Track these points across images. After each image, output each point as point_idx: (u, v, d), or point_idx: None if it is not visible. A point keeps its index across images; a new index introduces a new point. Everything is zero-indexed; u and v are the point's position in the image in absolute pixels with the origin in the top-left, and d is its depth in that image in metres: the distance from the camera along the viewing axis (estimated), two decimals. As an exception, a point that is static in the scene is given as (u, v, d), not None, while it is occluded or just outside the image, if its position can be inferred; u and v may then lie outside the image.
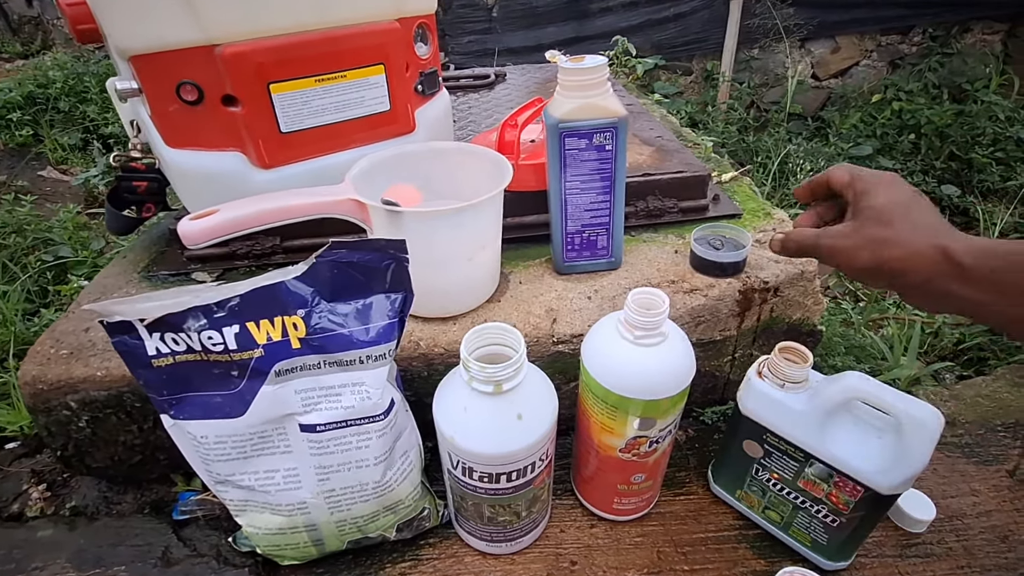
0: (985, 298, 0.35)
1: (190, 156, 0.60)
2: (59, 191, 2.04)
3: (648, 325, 0.43)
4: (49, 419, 0.56)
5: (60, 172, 2.18)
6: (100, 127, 2.34)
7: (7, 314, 1.08)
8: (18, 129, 2.24)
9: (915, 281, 0.38)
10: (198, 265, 0.67)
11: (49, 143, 2.21)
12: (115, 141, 2.21)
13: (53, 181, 2.12)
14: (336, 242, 0.41)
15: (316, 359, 0.44)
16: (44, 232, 1.46)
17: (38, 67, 2.68)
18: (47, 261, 1.34)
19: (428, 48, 0.71)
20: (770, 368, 0.49)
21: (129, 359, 0.43)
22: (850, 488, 0.46)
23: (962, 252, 0.36)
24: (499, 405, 0.43)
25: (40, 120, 2.32)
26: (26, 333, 1.04)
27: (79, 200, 1.87)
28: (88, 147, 2.28)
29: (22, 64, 3.27)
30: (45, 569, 0.56)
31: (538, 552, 0.55)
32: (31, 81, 2.50)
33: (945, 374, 0.77)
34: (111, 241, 1.50)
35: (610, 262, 0.62)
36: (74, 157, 2.22)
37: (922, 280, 0.38)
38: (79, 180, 1.91)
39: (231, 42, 0.55)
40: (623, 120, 0.53)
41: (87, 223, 1.64)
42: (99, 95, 2.47)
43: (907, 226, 0.39)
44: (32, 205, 1.58)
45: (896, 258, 0.39)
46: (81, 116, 2.39)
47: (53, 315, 1.08)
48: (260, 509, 0.49)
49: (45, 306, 1.20)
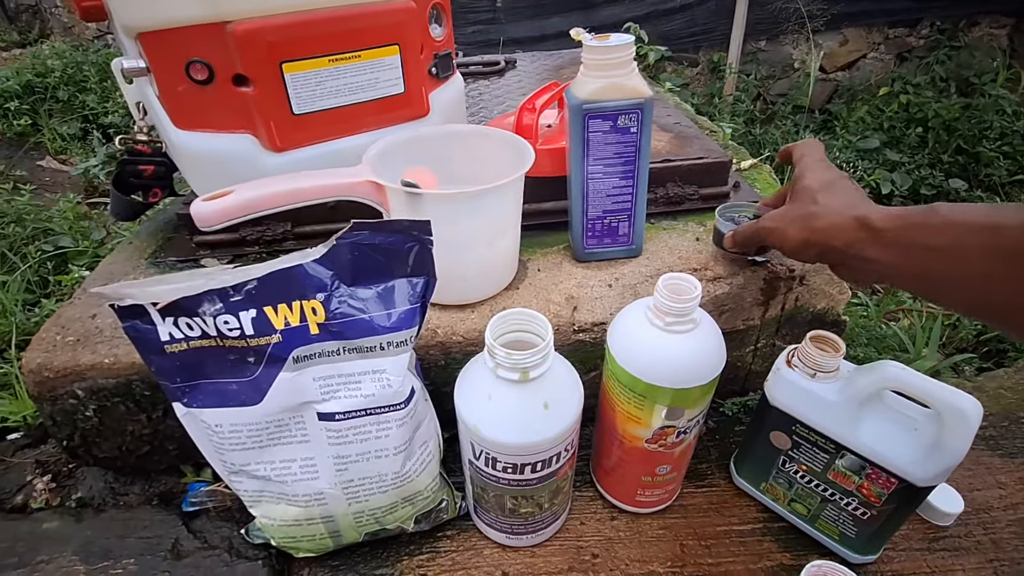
0: (896, 259, 0.38)
1: (199, 138, 0.58)
2: (58, 181, 2.02)
3: (679, 311, 0.42)
4: (55, 408, 0.55)
5: (59, 162, 2.15)
6: (99, 117, 2.31)
7: (7, 304, 1.06)
8: (16, 118, 2.21)
9: (837, 248, 0.41)
10: (207, 251, 0.65)
11: (48, 133, 2.18)
12: (115, 131, 2.18)
13: (52, 171, 2.09)
14: (357, 222, 0.40)
15: (335, 345, 0.42)
16: (44, 222, 1.44)
17: (36, 56, 2.64)
18: (47, 251, 1.32)
19: (443, 29, 0.69)
20: (801, 357, 0.48)
21: (141, 345, 0.41)
22: (883, 480, 0.45)
23: (875, 218, 0.39)
24: (525, 393, 0.42)
25: (39, 109, 2.29)
26: (27, 323, 1.03)
27: (78, 190, 1.85)
28: (87, 137, 2.25)
29: (19, 53, 3.23)
30: (51, 562, 0.54)
31: (559, 545, 0.53)
32: (29, 70, 2.47)
33: (964, 366, 0.76)
34: (112, 231, 1.48)
35: (630, 249, 0.60)
36: (73, 147, 2.19)
37: (843, 246, 0.41)
38: (79, 170, 1.88)
39: (243, 19, 0.53)
40: (649, 101, 0.51)
41: (87, 213, 1.62)
42: (98, 84, 2.44)
43: (831, 201, 0.43)
44: (31, 195, 1.56)
45: (820, 229, 0.42)
46: (80, 106, 2.36)
47: (54, 305, 1.07)
48: (276, 500, 0.48)
49: (46, 296, 1.18)
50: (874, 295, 0.96)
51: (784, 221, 0.46)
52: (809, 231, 0.43)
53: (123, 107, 2.23)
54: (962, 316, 0.40)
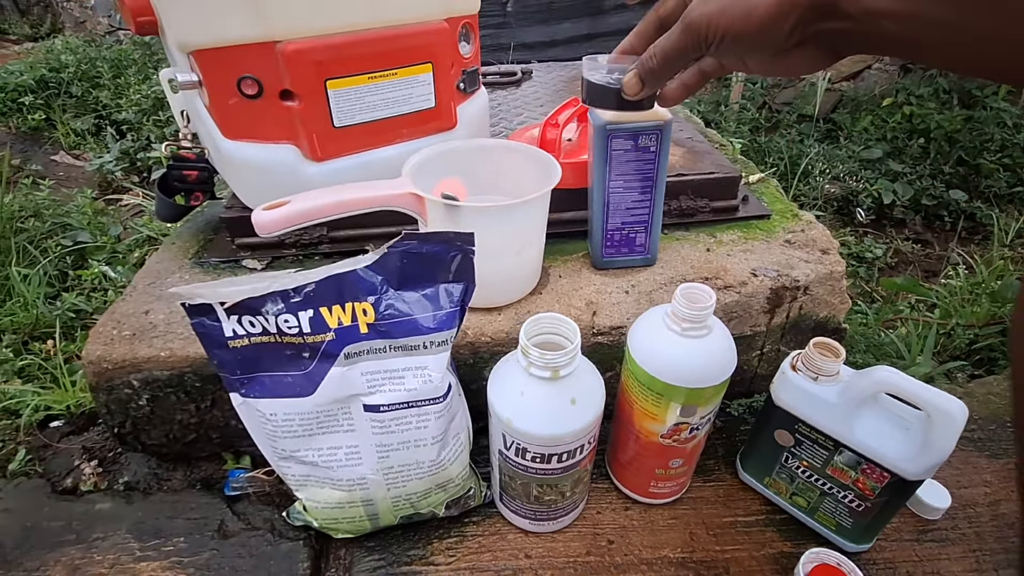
0: (911, 4, 0.26)
1: (246, 148, 0.63)
2: (72, 176, 2.05)
3: (695, 318, 0.46)
4: (110, 397, 0.59)
5: (73, 157, 2.19)
6: (113, 113, 2.34)
7: (29, 297, 1.10)
8: (31, 113, 2.25)
9: (825, 4, 0.29)
10: (247, 253, 0.69)
11: (62, 128, 2.22)
12: (128, 127, 2.21)
13: (66, 166, 2.13)
14: (408, 233, 0.44)
15: (382, 343, 0.47)
16: (62, 217, 1.47)
17: (50, 51, 2.68)
18: (66, 246, 1.36)
19: (471, 47, 0.73)
20: (804, 362, 0.52)
21: (206, 340, 0.46)
22: (877, 474, 0.50)
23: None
24: (555, 390, 0.46)
25: (53, 104, 2.32)
26: (48, 316, 1.06)
27: (92, 185, 1.88)
28: (101, 133, 2.29)
29: (31, 47, 3.27)
30: (106, 539, 0.58)
31: (577, 531, 0.58)
32: (43, 65, 2.50)
33: (957, 373, 0.80)
34: (129, 227, 1.52)
35: (646, 258, 0.65)
36: (87, 142, 2.22)
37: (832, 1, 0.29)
38: (93, 166, 1.92)
39: (293, 39, 0.57)
40: (668, 124, 0.55)
41: (104, 209, 1.66)
42: (111, 81, 2.48)
43: None
44: (49, 190, 1.60)
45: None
46: (94, 101, 2.39)
47: (75, 299, 1.10)
48: (320, 484, 0.52)
49: (66, 290, 1.21)
50: (873, 304, 1.00)
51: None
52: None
53: (136, 104, 2.27)
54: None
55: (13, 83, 2.28)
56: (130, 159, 1.96)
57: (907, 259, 1.47)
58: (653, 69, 0.38)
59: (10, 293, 1.15)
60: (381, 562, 0.56)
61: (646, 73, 0.39)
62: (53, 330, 1.04)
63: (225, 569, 0.55)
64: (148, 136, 2.05)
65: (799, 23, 0.31)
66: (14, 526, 0.60)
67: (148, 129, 2.10)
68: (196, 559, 0.56)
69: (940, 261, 1.47)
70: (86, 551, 0.57)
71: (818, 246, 0.66)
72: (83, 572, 0.55)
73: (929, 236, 1.67)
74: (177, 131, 0.70)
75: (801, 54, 0.33)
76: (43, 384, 0.83)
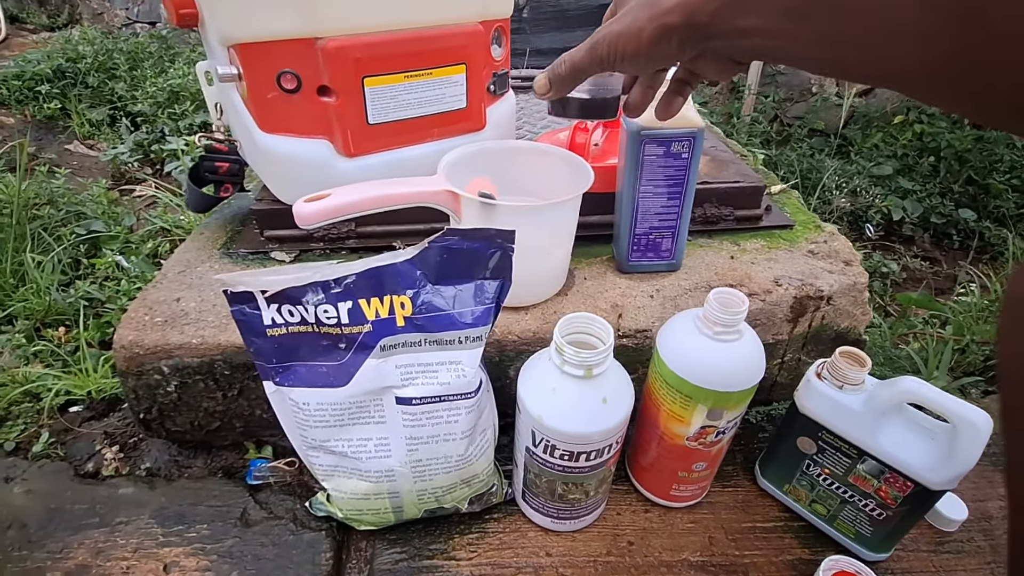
0: (783, 24, 0.28)
1: (281, 141, 0.64)
2: (85, 165, 2.06)
3: (728, 322, 0.47)
4: (139, 382, 0.60)
5: (87, 147, 2.20)
6: (128, 105, 2.35)
7: (42, 284, 1.10)
8: (47, 102, 2.26)
9: (703, 24, 0.31)
10: (276, 245, 0.70)
11: (77, 118, 2.23)
12: (143, 119, 2.23)
13: (80, 156, 2.14)
14: (450, 229, 0.45)
15: (418, 337, 0.47)
16: (76, 205, 1.48)
17: (67, 41, 2.70)
18: (80, 234, 1.36)
19: (502, 50, 0.74)
20: (830, 370, 0.53)
21: (244, 327, 0.46)
22: (900, 483, 0.50)
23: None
24: (587, 388, 0.47)
25: (69, 94, 2.33)
26: (61, 304, 1.07)
27: (106, 175, 1.89)
28: (115, 124, 2.30)
29: (48, 36, 3.29)
30: (130, 524, 0.59)
31: (597, 531, 0.58)
32: (60, 54, 2.51)
33: (971, 389, 0.81)
34: (142, 218, 1.53)
35: (671, 264, 0.65)
36: (101, 133, 2.24)
37: (709, 20, 0.31)
38: (107, 156, 1.93)
39: (334, 36, 0.58)
40: (701, 131, 0.56)
41: (118, 199, 1.67)
42: (127, 73, 2.49)
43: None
44: (65, 178, 1.61)
45: (674, 9, 0.32)
46: (109, 93, 2.40)
47: (88, 287, 1.11)
48: (348, 475, 0.52)
49: (79, 278, 1.22)
50: (887, 317, 1.01)
51: (627, 20, 0.35)
52: (663, 15, 0.33)
53: (151, 96, 2.28)
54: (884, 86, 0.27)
55: (30, 71, 2.30)
56: (144, 151, 1.97)
57: (916, 276, 1.48)
58: (560, 75, 0.40)
59: (24, 279, 1.16)
60: (403, 555, 0.56)
61: (555, 78, 0.41)
62: (65, 317, 1.05)
63: (248, 557, 0.56)
64: (162, 129, 2.07)
65: (684, 42, 0.33)
66: (38, 507, 0.60)
67: (162, 122, 2.11)
68: (219, 546, 0.57)
69: (948, 279, 1.48)
70: (109, 534, 0.58)
71: (841, 257, 0.67)
72: (106, 555, 0.56)
73: (937, 254, 1.68)
74: (192, 124, 0.70)
75: (704, 63, 0.36)
76: (56, 371, 0.83)
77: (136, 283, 1.11)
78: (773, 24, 0.29)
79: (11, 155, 1.70)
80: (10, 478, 0.63)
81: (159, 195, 1.64)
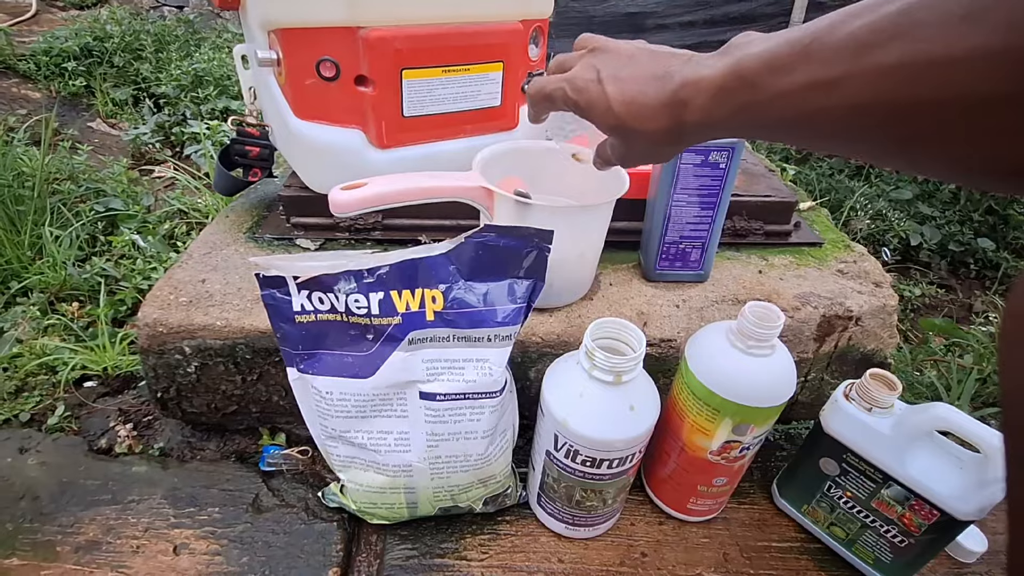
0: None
1: (315, 128, 0.63)
2: (107, 144, 2.08)
3: (762, 336, 0.46)
4: (159, 361, 0.59)
5: (109, 126, 2.21)
6: (152, 86, 2.37)
7: (58, 258, 1.11)
8: (73, 79, 2.28)
9: (703, 101, 0.30)
10: (301, 232, 0.70)
11: (101, 96, 2.25)
12: (166, 101, 2.24)
13: (101, 133, 2.15)
14: (488, 225, 0.44)
15: (447, 332, 0.47)
16: (96, 183, 1.49)
17: (96, 20, 2.72)
18: (99, 211, 1.37)
19: (539, 50, 0.74)
20: (859, 392, 0.52)
21: (273, 312, 0.46)
22: (926, 511, 0.49)
23: (748, 62, 0.28)
24: (615, 395, 0.46)
25: (94, 73, 2.35)
26: (76, 279, 1.07)
27: (127, 155, 1.90)
28: (139, 104, 2.31)
29: (77, 15, 3.32)
30: (141, 502, 0.59)
31: (610, 541, 0.57)
32: (88, 33, 2.53)
33: (991, 420, 0.80)
34: (160, 199, 1.53)
35: (698, 275, 0.65)
36: (124, 112, 2.25)
37: (710, 96, 0.29)
38: (129, 136, 1.94)
39: (376, 26, 0.58)
40: (741, 143, 0.56)
41: (138, 179, 1.68)
42: (153, 55, 2.51)
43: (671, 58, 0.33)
44: (87, 155, 1.62)
45: (687, 79, 0.30)
46: (135, 73, 2.42)
47: (104, 263, 1.11)
48: (365, 467, 0.52)
49: (95, 254, 1.23)
50: (907, 342, 1.00)
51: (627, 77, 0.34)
52: (673, 88, 0.31)
53: (176, 79, 2.29)
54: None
55: (58, 48, 2.31)
56: (165, 132, 1.98)
57: (930, 303, 1.47)
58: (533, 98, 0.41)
59: (41, 252, 1.17)
60: (413, 552, 0.55)
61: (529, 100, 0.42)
62: (79, 292, 1.05)
63: (258, 543, 0.55)
64: (184, 112, 2.08)
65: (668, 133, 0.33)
66: (51, 480, 0.60)
67: (185, 105, 2.12)
68: (230, 531, 0.56)
69: (964, 308, 1.46)
70: (121, 512, 0.57)
71: (871, 278, 0.66)
72: (117, 533, 0.56)
73: (954, 282, 1.67)
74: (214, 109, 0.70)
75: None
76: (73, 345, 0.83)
77: (151, 263, 1.11)
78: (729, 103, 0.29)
79: (35, 129, 1.71)
80: (24, 449, 0.63)
81: (178, 177, 1.64)
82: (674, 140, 0.33)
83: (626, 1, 2.49)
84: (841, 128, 0.25)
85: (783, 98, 0.26)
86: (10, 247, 1.10)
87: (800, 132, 0.28)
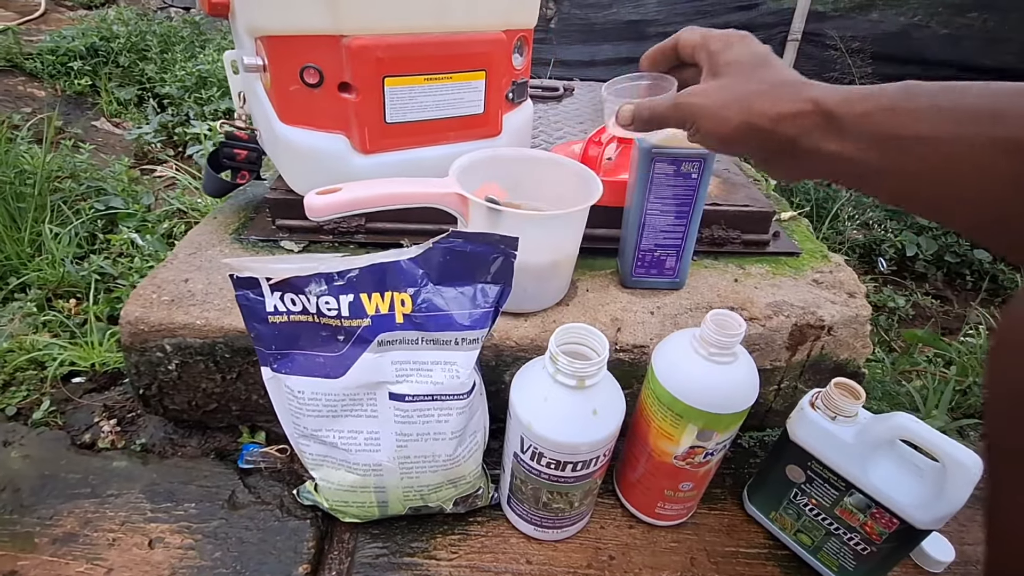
0: (861, 154, 0.31)
1: (299, 133, 0.65)
2: (110, 143, 2.10)
3: (723, 344, 0.47)
4: (141, 358, 0.61)
5: (112, 125, 2.24)
6: (156, 86, 2.40)
7: (57, 255, 1.12)
8: (78, 78, 2.31)
9: (789, 137, 0.34)
10: (286, 234, 0.71)
11: (105, 96, 2.27)
12: (169, 102, 2.26)
13: (105, 132, 2.18)
14: (455, 232, 0.46)
15: (416, 335, 0.48)
16: (97, 181, 1.51)
17: (103, 20, 2.76)
18: (99, 209, 1.39)
19: (523, 60, 0.75)
20: (824, 400, 0.52)
21: (247, 312, 0.47)
22: (886, 520, 0.50)
23: (831, 102, 0.32)
24: (578, 399, 0.47)
25: (99, 72, 2.38)
26: (74, 276, 1.09)
27: (129, 154, 1.93)
28: (142, 104, 2.34)
29: (85, 14, 3.36)
30: (120, 497, 0.60)
31: (579, 543, 0.58)
32: (95, 32, 2.57)
33: (970, 431, 0.80)
34: (160, 198, 1.55)
35: (674, 282, 0.66)
36: (128, 112, 2.28)
37: (796, 135, 0.33)
38: (132, 135, 1.97)
39: (359, 35, 0.59)
40: (712, 154, 0.57)
41: (139, 178, 1.70)
42: (158, 55, 2.54)
43: (772, 79, 0.36)
44: (89, 154, 1.64)
45: (767, 114, 0.34)
46: (139, 73, 2.45)
47: (102, 261, 1.13)
48: (336, 466, 0.53)
49: (94, 252, 1.24)
50: (891, 352, 1.00)
51: (717, 99, 0.37)
52: (752, 115, 0.35)
53: (180, 80, 2.32)
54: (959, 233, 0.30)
55: (64, 47, 2.35)
56: (168, 132, 2.01)
57: (925, 314, 1.47)
58: (643, 118, 0.43)
59: (40, 249, 1.19)
60: (384, 550, 0.56)
61: (638, 119, 0.43)
62: (76, 289, 1.07)
63: (232, 539, 0.56)
64: (188, 112, 2.10)
65: (763, 145, 0.36)
66: (32, 473, 0.61)
67: (188, 105, 2.15)
68: (204, 526, 0.57)
69: (958, 319, 1.46)
70: (99, 506, 0.59)
71: (845, 289, 0.67)
72: (94, 526, 0.57)
73: (949, 293, 1.67)
74: (217, 110, 0.72)
75: (773, 166, 0.38)
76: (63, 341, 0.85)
77: (149, 261, 1.13)
78: (852, 151, 0.31)
79: (39, 127, 1.74)
80: (8, 442, 0.65)
81: (179, 177, 1.66)
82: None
83: (627, 9, 2.51)
84: None
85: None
86: (10, 243, 1.12)
87: None
